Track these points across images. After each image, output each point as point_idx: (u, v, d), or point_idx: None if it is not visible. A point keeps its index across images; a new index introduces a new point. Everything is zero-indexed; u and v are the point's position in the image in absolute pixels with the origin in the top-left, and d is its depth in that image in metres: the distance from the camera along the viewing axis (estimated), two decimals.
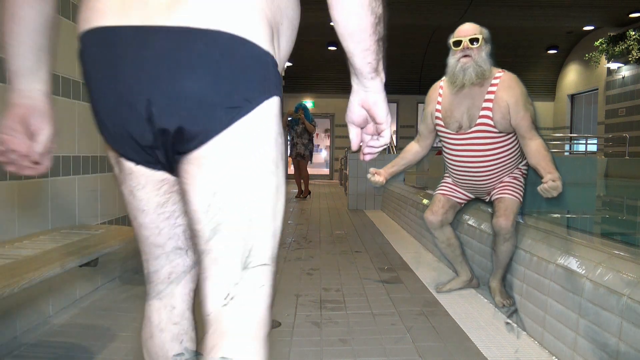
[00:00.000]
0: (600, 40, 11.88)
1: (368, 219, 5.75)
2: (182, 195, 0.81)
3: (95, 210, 2.59)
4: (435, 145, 2.73)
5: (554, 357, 1.84)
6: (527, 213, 2.64)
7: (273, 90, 0.77)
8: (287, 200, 7.00)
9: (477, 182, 2.50)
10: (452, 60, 2.39)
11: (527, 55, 14.49)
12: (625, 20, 11.01)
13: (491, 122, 2.34)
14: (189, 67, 0.71)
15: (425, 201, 4.23)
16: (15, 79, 0.86)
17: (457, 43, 2.35)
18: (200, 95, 0.72)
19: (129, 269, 2.99)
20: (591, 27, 12.56)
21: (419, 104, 15.96)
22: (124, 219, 2.94)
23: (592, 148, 12.97)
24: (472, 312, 2.35)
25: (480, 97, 2.35)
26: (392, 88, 15.55)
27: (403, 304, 2.48)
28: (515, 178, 2.44)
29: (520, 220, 2.46)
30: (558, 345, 1.82)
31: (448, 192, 2.64)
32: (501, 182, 2.44)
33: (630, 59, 11.23)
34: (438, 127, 2.52)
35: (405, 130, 15.73)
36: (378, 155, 0.96)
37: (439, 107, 2.50)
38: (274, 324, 2.17)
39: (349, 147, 9.02)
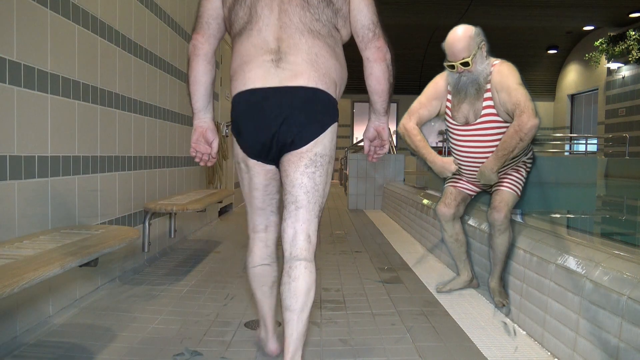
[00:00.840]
0: (600, 40, 11.88)
1: (368, 219, 5.75)
2: (283, 175, 1.50)
3: (95, 210, 2.59)
4: (434, 145, 2.73)
5: (554, 357, 1.84)
6: (527, 213, 2.64)
7: (335, 118, 1.51)
8: None
9: None
10: (453, 76, 2.46)
11: (527, 55, 14.48)
12: (625, 20, 11.01)
13: (495, 112, 2.37)
14: (300, 108, 1.43)
15: (425, 201, 4.23)
16: (197, 113, 1.59)
17: (451, 67, 2.42)
18: (305, 122, 1.44)
19: (129, 269, 2.99)
20: (591, 27, 12.56)
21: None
22: (124, 219, 2.94)
23: (592, 148, 12.97)
24: (472, 312, 2.35)
25: (482, 91, 2.40)
26: (392, 88, 15.56)
27: (403, 304, 2.48)
28: (517, 171, 2.45)
29: (520, 221, 2.46)
30: (558, 345, 1.82)
31: (458, 184, 2.64)
32: (505, 173, 2.45)
33: (630, 59, 11.23)
34: (447, 118, 2.57)
35: None
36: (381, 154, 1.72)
37: (448, 103, 2.54)
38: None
39: (349, 147, 9.10)
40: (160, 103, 3.51)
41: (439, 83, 2.60)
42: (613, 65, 12.18)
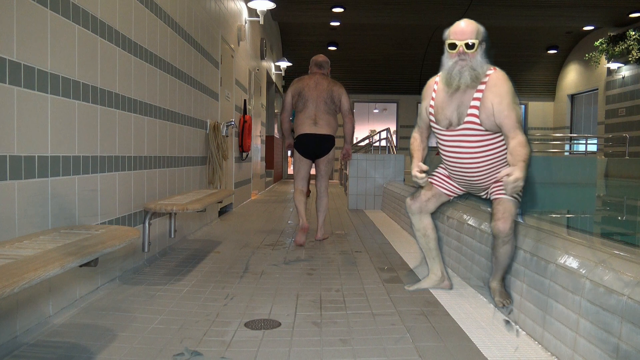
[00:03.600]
0: (600, 40, 11.89)
1: (368, 219, 5.75)
2: (315, 166, 4.27)
3: (95, 210, 2.59)
4: (433, 145, 2.73)
5: (554, 357, 1.84)
6: (528, 213, 2.63)
7: (334, 144, 4.24)
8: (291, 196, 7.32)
9: (469, 177, 2.49)
10: (448, 62, 2.38)
11: (527, 55, 14.49)
12: (625, 20, 11.01)
13: (477, 121, 2.33)
14: (323, 140, 4.15)
15: None
16: (288, 138, 4.40)
17: (453, 46, 2.33)
18: (326, 149, 4.17)
19: (129, 269, 2.99)
20: (591, 27, 12.56)
21: (419, 104, 15.92)
22: (124, 219, 2.94)
23: (592, 148, 12.97)
24: (472, 312, 2.35)
25: (470, 97, 2.35)
26: (392, 88, 15.57)
27: (403, 304, 2.48)
28: None
29: (521, 220, 2.46)
30: (558, 345, 1.82)
31: (438, 182, 2.63)
32: (498, 180, 2.41)
33: (630, 59, 11.23)
34: (431, 123, 2.53)
35: (405, 130, 15.73)
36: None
37: (432, 102, 2.50)
38: (274, 324, 2.17)
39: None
40: (160, 103, 3.51)
41: (426, 89, 2.57)
42: (613, 65, 12.19)
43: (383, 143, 8.78)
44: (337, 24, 11.70)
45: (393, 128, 15.57)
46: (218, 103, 5.39)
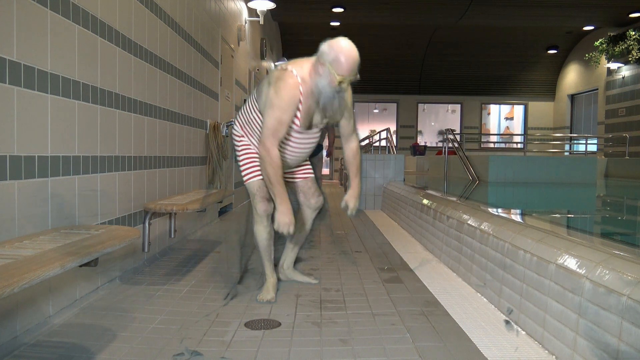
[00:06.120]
0: (600, 40, 11.88)
1: (368, 219, 5.75)
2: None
3: (95, 210, 2.59)
4: (433, 145, 2.73)
5: (553, 357, 1.84)
6: (528, 213, 2.63)
7: (321, 149, 4.78)
8: None
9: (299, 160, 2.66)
10: (324, 88, 2.31)
11: (527, 55, 14.49)
12: (625, 20, 11.01)
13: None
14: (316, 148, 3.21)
15: (425, 201, 4.23)
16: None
17: (340, 82, 2.28)
18: (315, 151, 4.12)
19: (129, 269, 2.99)
20: (591, 27, 12.56)
21: (419, 104, 15.94)
22: (124, 219, 2.94)
23: (592, 148, 12.97)
24: (472, 312, 2.35)
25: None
26: (392, 88, 15.57)
27: (403, 304, 2.48)
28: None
29: (521, 221, 2.46)
30: (558, 345, 1.82)
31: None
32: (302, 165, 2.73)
33: (630, 59, 11.23)
34: (293, 125, 2.42)
35: (405, 130, 15.73)
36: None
37: (301, 106, 2.38)
38: (274, 324, 2.17)
39: None
40: (160, 103, 3.51)
41: (295, 91, 2.32)
42: (613, 65, 12.19)
43: (383, 143, 8.78)
44: (337, 24, 11.69)
45: (393, 128, 15.57)
46: (218, 103, 5.39)
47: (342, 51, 2.26)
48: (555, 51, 14.41)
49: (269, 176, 2.31)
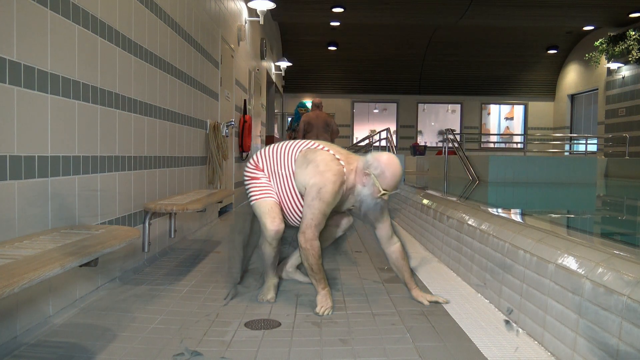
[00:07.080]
0: (600, 40, 11.89)
1: None
2: None
3: (95, 210, 2.59)
4: (433, 145, 2.74)
5: (553, 357, 1.84)
6: (528, 213, 2.63)
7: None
8: None
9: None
10: (368, 196, 2.41)
11: (527, 55, 14.49)
12: (625, 20, 11.01)
13: None
14: None
15: (425, 201, 4.23)
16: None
17: (384, 194, 2.39)
18: None
19: (129, 269, 2.99)
20: (591, 27, 12.56)
21: (419, 104, 15.95)
22: (124, 219, 2.94)
23: (592, 148, 12.97)
24: (472, 312, 2.35)
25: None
26: (392, 88, 15.57)
27: (403, 304, 2.48)
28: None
29: (520, 221, 2.46)
30: (558, 345, 1.82)
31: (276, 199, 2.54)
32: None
33: (630, 59, 11.24)
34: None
35: (405, 130, 15.74)
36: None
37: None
38: (274, 324, 2.17)
39: (349, 147, 9.29)
40: (160, 103, 3.51)
41: (341, 187, 2.41)
42: (613, 65, 12.19)
43: (383, 143, 8.78)
44: (337, 24, 11.70)
45: (393, 128, 15.57)
46: (218, 103, 5.39)
47: (389, 168, 2.37)
48: (555, 51, 14.42)
49: (310, 265, 2.36)
